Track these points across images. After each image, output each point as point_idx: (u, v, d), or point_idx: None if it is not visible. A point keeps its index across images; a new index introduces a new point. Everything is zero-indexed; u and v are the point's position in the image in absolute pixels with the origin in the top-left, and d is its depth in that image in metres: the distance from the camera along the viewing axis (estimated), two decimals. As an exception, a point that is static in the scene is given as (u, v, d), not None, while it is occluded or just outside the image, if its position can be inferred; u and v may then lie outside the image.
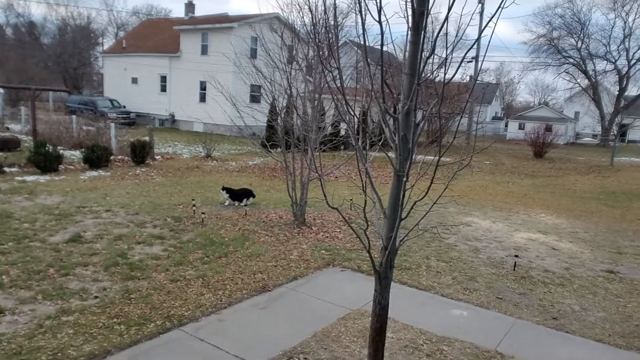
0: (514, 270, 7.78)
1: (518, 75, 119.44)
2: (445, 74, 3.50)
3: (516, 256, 8.26)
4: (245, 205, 11.12)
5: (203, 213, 9.75)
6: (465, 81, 29.17)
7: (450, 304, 6.29)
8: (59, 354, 4.45)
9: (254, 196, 11.49)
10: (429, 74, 4.88)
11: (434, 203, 3.62)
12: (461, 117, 28.81)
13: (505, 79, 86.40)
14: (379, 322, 3.69)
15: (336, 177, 16.65)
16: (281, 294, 6.30)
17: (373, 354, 3.68)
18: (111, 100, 33.66)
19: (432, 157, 3.52)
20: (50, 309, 5.36)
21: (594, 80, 49.89)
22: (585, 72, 50.21)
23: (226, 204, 11.06)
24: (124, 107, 33.61)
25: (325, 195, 3.78)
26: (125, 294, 5.85)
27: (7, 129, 23.90)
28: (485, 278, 7.36)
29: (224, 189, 11.20)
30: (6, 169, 13.46)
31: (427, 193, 3.38)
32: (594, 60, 49.55)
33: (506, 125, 57.67)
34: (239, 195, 11.26)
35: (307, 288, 6.54)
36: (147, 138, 18.00)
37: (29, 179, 12.69)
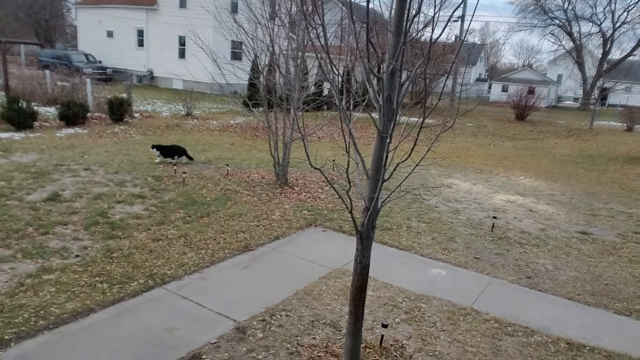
0: (491, 231, 7.98)
1: (504, 36, 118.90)
2: (432, 33, 3.42)
3: (494, 217, 8.45)
4: (177, 162, 10.72)
5: (184, 172, 9.65)
6: (450, 41, 28.83)
7: (429, 264, 6.45)
8: (42, 312, 4.45)
9: (189, 157, 11.01)
10: (414, 34, 4.77)
11: (417, 165, 3.63)
12: (447, 78, 28.68)
13: (491, 40, 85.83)
14: (360, 281, 3.76)
15: (319, 138, 16.57)
16: (263, 253, 6.37)
17: (354, 311, 3.77)
18: (86, 55, 32.33)
19: (416, 119, 3.50)
20: (30, 267, 5.32)
21: (578, 42, 49.91)
22: (570, 34, 50.13)
23: (157, 161, 10.69)
24: (100, 62, 32.37)
25: (308, 156, 3.74)
26: (106, 253, 5.83)
27: (-23, 83, 22.92)
28: (464, 239, 7.53)
29: (154, 146, 10.83)
30: (-22, 125, 13.01)
31: (410, 155, 3.37)
32: (580, 22, 49.52)
33: (490, 87, 57.70)
34: (170, 151, 10.85)
35: (289, 247, 6.61)
36: (125, 95, 17.49)
37: (3, 136, 12.30)
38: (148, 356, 3.93)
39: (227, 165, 10.80)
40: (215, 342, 4.19)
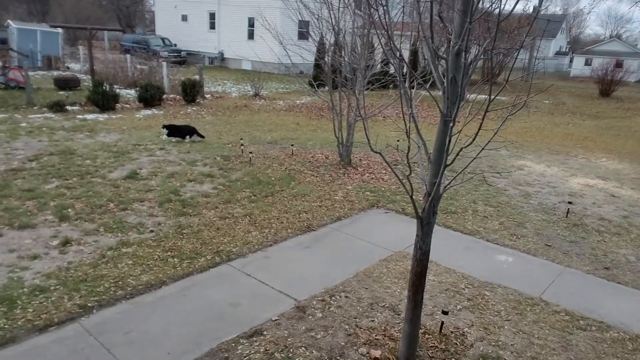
0: (566, 217, 7.50)
1: (589, 4, 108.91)
2: (501, 8, 3.21)
3: (570, 202, 7.92)
4: (190, 140, 11.02)
5: (251, 152, 9.93)
6: (528, 12, 26.90)
7: (495, 250, 6.21)
8: (120, 282, 4.83)
9: (200, 135, 11.25)
10: (487, 4, 4.48)
11: (482, 149, 3.47)
12: (517, 53, 26.86)
13: (574, 9, 78.99)
14: (420, 267, 3.71)
15: (384, 117, 16.30)
16: (325, 233, 6.44)
17: (412, 297, 3.73)
18: (163, 39, 33.91)
19: (485, 97, 3.32)
20: (111, 240, 5.77)
21: (678, 9, 44.67)
22: (669, 0, 44.86)
23: (163, 138, 10.96)
24: (175, 45, 33.82)
25: (368, 140, 3.71)
26: (178, 229, 6.18)
27: (68, 68, 24.86)
28: (534, 224, 7.15)
29: (164, 126, 11.18)
30: (68, 108, 14.15)
31: (474, 139, 3.22)
32: (681, -15, 44.00)
33: (571, 61, 53.38)
34: (178, 130, 11.11)
35: (351, 229, 6.64)
36: (197, 77, 18.19)
37: (89, 117, 13.31)
38: (213, 330, 4.15)
39: (292, 145, 10.97)
40: (276, 320, 4.34)
